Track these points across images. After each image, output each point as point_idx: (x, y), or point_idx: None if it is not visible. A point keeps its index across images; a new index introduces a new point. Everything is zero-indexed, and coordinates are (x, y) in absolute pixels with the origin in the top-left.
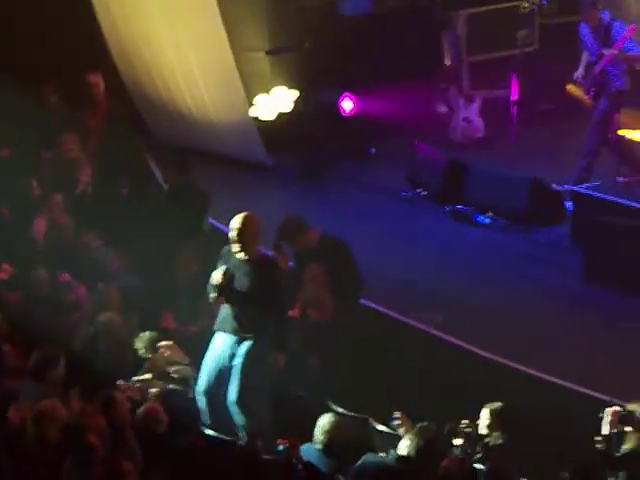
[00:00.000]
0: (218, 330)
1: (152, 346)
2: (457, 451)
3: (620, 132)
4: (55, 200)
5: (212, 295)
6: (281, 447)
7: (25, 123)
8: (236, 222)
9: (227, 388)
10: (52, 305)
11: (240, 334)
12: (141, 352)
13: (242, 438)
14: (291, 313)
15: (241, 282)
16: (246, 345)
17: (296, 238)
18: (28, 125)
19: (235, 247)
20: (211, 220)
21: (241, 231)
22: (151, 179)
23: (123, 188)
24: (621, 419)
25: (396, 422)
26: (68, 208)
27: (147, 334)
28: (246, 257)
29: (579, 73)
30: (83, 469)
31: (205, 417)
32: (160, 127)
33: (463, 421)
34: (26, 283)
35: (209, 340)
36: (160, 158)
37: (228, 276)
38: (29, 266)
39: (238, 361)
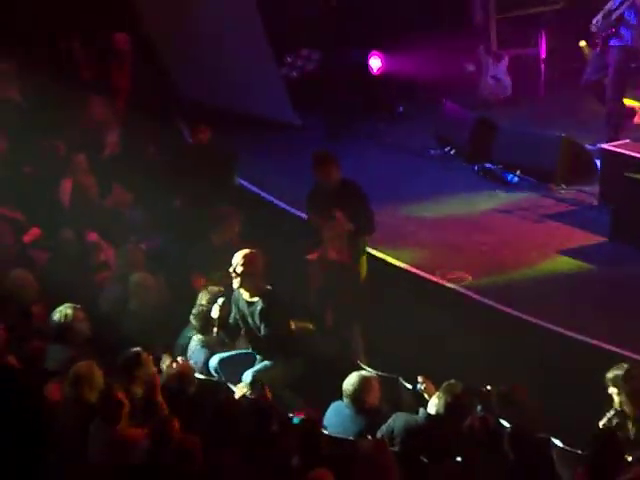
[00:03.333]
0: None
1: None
2: (480, 409)
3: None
4: (78, 160)
5: (214, 329)
6: (296, 419)
7: (52, 83)
8: (238, 259)
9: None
10: (80, 265)
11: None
12: (203, 304)
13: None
14: (311, 256)
15: (243, 318)
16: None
17: (323, 169)
18: (55, 86)
19: (236, 283)
20: (240, 180)
21: (242, 267)
22: (179, 139)
23: (151, 148)
24: None
25: (421, 386)
26: (96, 169)
27: (214, 289)
28: (248, 293)
29: (596, 19)
30: (110, 426)
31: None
32: (188, 87)
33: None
34: (54, 244)
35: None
36: (188, 118)
37: (226, 310)
38: (57, 227)
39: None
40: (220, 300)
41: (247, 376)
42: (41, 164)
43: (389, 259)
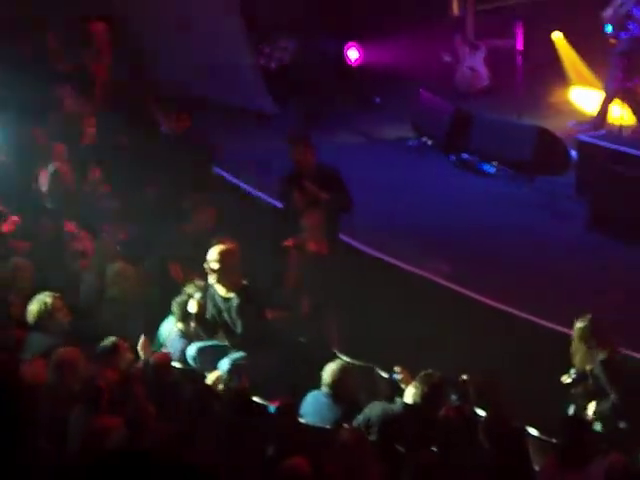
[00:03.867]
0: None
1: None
2: (455, 398)
3: None
4: (57, 150)
5: (192, 324)
6: (272, 408)
7: (26, 72)
8: (213, 255)
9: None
10: (58, 255)
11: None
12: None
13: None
14: (287, 242)
15: (219, 313)
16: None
17: (300, 149)
18: (29, 76)
19: (212, 279)
20: (216, 169)
21: (218, 262)
22: (156, 129)
23: (126, 137)
24: None
25: (398, 376)
26: (73, 158)
27: (201, 283)
28: (223, 289)
29: (607, 12)
30: (91, 415)
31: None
32: (165, 76)
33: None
34: (33, 233)
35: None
36: (165, 107)
37: (203, 305)
38: (35, 216)
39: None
40: (197, 295)
41: (224, 364)
42: (19, 153)
43: (365, 249)
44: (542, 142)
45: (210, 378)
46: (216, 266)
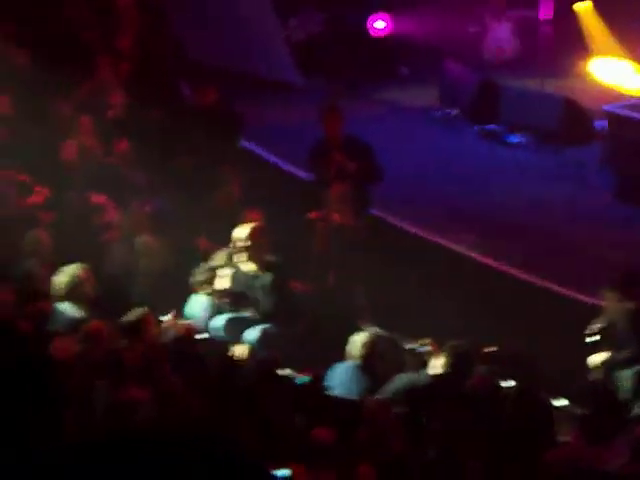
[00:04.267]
0: None
1: (230, 260)
2: (483, 370)
3: None
4: (84, 122)
5: (225, 300)
6: (300, 379)
7: (56, 43)
8: (242, 233)
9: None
10: (85, 227)
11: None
12: (219, 264)
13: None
14: (312, 215)
15: (248, 291)
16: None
17: (331, 120)
18: (59, 46)
19: (241, 257)
20: (245, 141)
21: (248, 241)
22: (184, 102)
23: (155, 110)
24: None
25: (425, 348)
26: (100, 131)
27: (228, 249)
28: (252, 266)
29: None
30: (116, 386)
31: None
32: (193, 48)
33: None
34: (60, 205)
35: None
36: (193, 79)
37: (234, 282)
38: (62, 188)
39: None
40: (228, 271)
41: (251, 334)
42: (47, 126)
43: (392, 221)
44: (568, 112)
45: (238, 349)
46: (245, 244)
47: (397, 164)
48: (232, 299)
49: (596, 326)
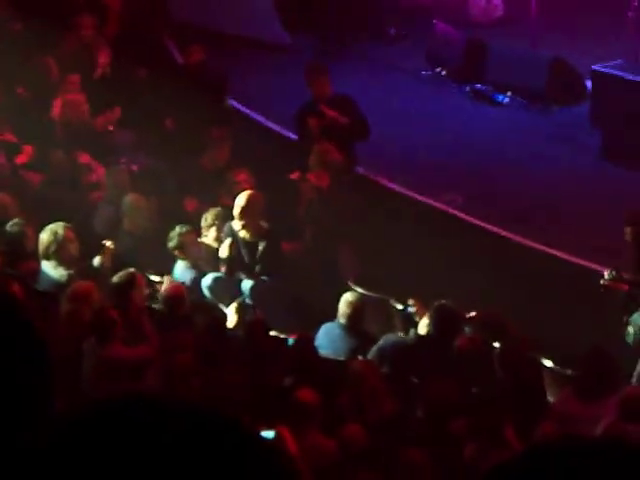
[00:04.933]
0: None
1: (222, 219)
2: (469, 330)
3: None
4: (71, 80)
5: (223, 268)
6: (290, 340)
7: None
8: (240, 200)
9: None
10: (72, 186)
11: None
12: (209, 224)
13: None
14: (293, 175)
15: (246, 257)
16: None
17: (317, 79)
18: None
19: (238, 224)
20: (232, 101)
21: (244, 209)
22: (169, 60)
23: (141, 69)
24: None
25: (412, 309)
26: (88, 90)
27: (217, 208)
28: (248, 234)
29: None
30: (103, 345)
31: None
32: (178, 7)
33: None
34: (46, 165)
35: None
36: (178, 38)
37: (234, 249)
38: (49, 147)
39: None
40: (228, 240)
41: (246, 285)
42: (33, 84)
43: (379, 180)
44: (557, 72)
45: (231, 308)
46: (242, 212)
47: (385, 123)
48: (229, 267)
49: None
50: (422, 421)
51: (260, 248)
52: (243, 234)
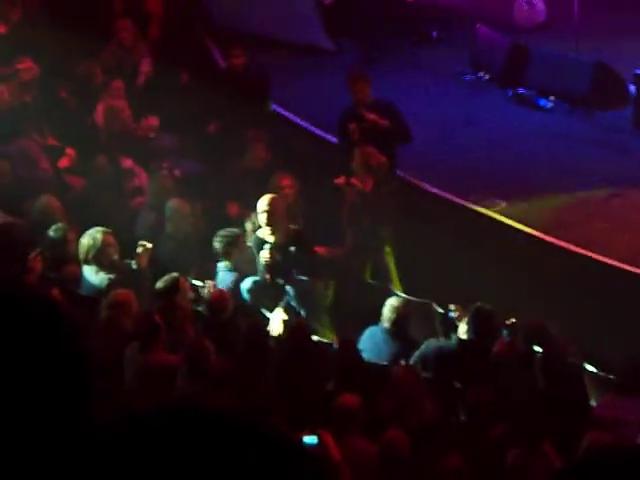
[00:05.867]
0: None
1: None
2: (506, 333)
3: None
4: (116, 86)
5: (266, 276)
6: (335, 345)
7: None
8: (263, 205)
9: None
10: (115, 191)
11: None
12: (252, 229)
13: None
14: (338, 180)
15: (281, 261)
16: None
17: (359, 86)
18: (87, 11)
19: (267, 231)
20: (275, 106)
21: (270, 215)
22: (211, 64)
23: (184, 74)
24: None
25: (453, 314)
26: (131, 95)
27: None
28: (279, 238)
29: None
30: (147, 351)
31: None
32: (222, 11)
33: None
34: (89, 169)
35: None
36: (222, 43)
37: (275, 255)
38: (92, 152)
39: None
40: (267, 246)
41: (290, 288)
42: (77, 89)
43: (421, 185)
44: (600, 76)
45: (276, 312)
46: (269, 218)
47: (427, 128)
48: (269, 274)
49: None
50: (463, 426)
51: (292, 250)
52: (273, 239)
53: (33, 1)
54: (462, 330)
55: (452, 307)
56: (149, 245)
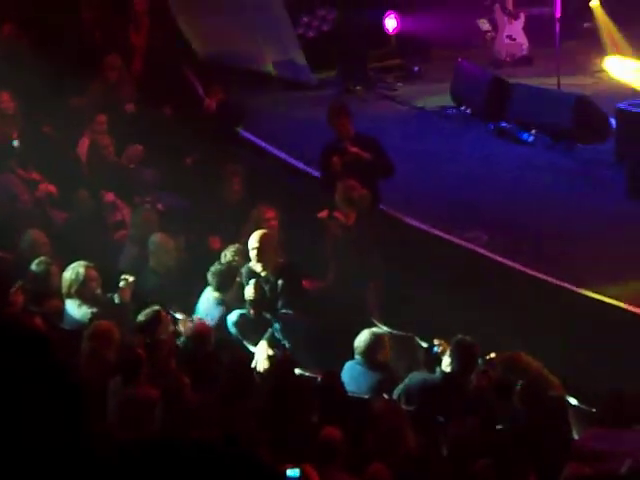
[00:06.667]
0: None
1: (242, 255)
2: (481, 364)
3: None
4: (99, 120)
5: (251, 311)
6: (319, 379)
7: (67, 43)
8: (254, 242)
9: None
10: (97, 225)
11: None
12: (229, 261)
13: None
14: (321, 214)
15: (268, 294)
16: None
17: (339, 120)
18: (70, 45)
19: (257, 266)
20: (257, 140)
21: (260, 250)
22: (195, 99)
23: (167, 108)
24: None
25: (438, 348)
26: (112, 128)
27: (236, 245)
28: (267, 272)
29: None
30: (129, 384)
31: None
32: (205, 46)
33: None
34: (71, 203)
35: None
36: (205, 77)
37: (260, 290)
38: (74, 187)
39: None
40: (252, 281)
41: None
42: (60, 124)
43: (404, 219)
44: (581, 110)
45: (260, 345)
46: (256, 252)
47: (409, 161)
48: (255, 308)
49: None
50: (446, 460)
51: (280, 283)
52: (263, 273)
53: (12, 34)
54: (445, 363)
55: (436, 342)
56: (131, 279)
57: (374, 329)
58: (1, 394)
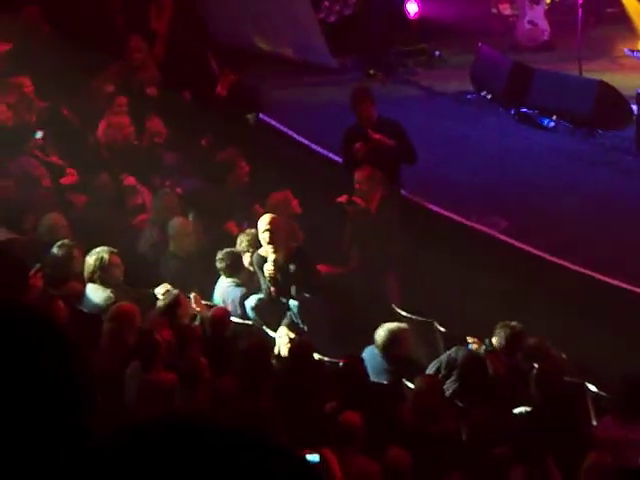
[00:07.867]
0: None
1: (255, 243)
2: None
3: None
4: (119, 102)
5: (271, 289)
6: (341, 364)
7: (89, 26)
8: (265, 225)
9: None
10: (117, 208)
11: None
12: (243, 248)
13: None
14: (340, 199)
15: (281, 279)
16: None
17: (362, 105)
18: (92, 29)
19: (269, 249)
20: (277, 124)
21: (271, 235)
22: (214, 83)
23: (186, 91)
24: None
25: (472, 346)
26: (134, 112)
27: (252, 231)
28: (280, 257)
29: None
30: (147, 369)
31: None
32: (226, 31)
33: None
34: (91, 187)
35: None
36: (226, 62)
37: (277, 270)
38: (94, 170)
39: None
40: (270, 259)
41: (293, 304)
42: (80, 107)
43: (424, 204)
44: (602, 96)
45: (281, 330)
46: (268, 234)
47: (430, 147)
48: (272, 292)
49: None
50: (465, 445)
51: (292, 268)
52: (274, 257)
53: (33, 17)
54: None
55: (470, 339)
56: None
57: (393, 324)
58: (1, 394)
